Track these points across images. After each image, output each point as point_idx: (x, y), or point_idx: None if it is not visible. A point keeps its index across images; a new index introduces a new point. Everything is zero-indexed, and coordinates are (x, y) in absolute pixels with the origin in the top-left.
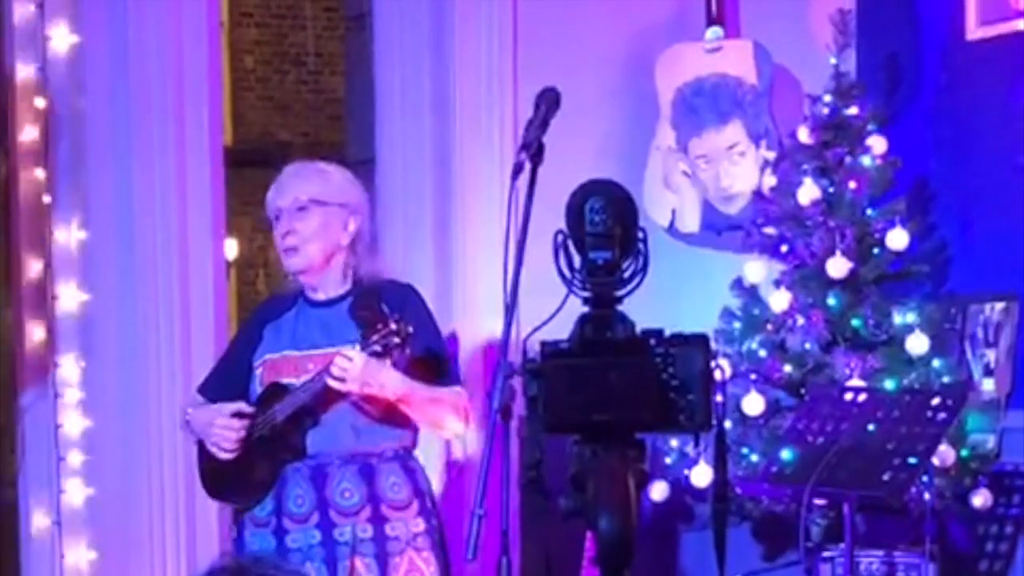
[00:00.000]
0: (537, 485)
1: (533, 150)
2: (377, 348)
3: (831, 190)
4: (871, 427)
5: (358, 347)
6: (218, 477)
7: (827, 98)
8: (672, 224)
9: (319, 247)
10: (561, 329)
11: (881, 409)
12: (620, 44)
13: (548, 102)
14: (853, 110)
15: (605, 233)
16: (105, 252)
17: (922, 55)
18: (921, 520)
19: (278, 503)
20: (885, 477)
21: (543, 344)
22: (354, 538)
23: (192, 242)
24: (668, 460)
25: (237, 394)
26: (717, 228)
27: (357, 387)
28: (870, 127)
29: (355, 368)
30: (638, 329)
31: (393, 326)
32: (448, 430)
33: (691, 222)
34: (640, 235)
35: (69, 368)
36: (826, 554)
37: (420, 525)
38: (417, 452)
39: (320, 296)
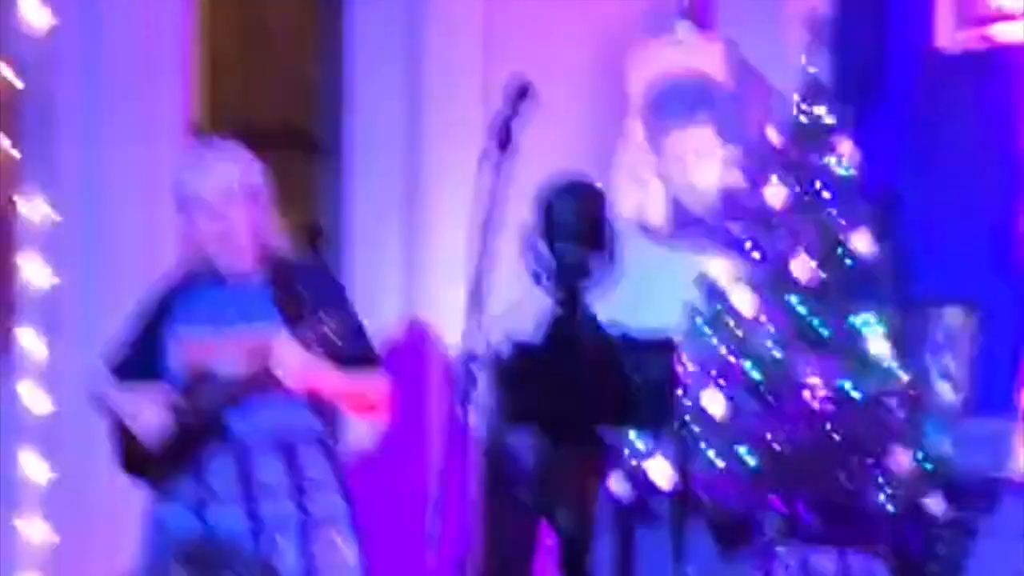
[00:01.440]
0: (498, 477)
1: (503, 139)
2: (318, 350)
3: (797, 190)
4: (829, 428)
5: (285, 335)
6: (137, 458)
7: (796, 99)
8: (639, 219)
9: (247, 232)
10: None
11: (839, 411)
12: (592, 38)
13: (519, 93)
14: (822, 111)
15: (574, 229)
16: (72, 230)
17: (892, 60)
18: (876, 523)
19: (199, 482)
20: (841, 478)
21: (509, 338)
22: (278, 517)
23: (159, 223)
24: (625, 453)
25: (147, 369)
26: (683, 225)
27: (296, 383)
28: (838, 130)
29: (297, 365)
30: (604, 327)
31: (332, 325)
32: (370, 415)
33: (658, 217)
34: (609, 232)
35: (31, 344)
36: (781, 552)
37: (339, 504)
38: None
39: (233, 275)
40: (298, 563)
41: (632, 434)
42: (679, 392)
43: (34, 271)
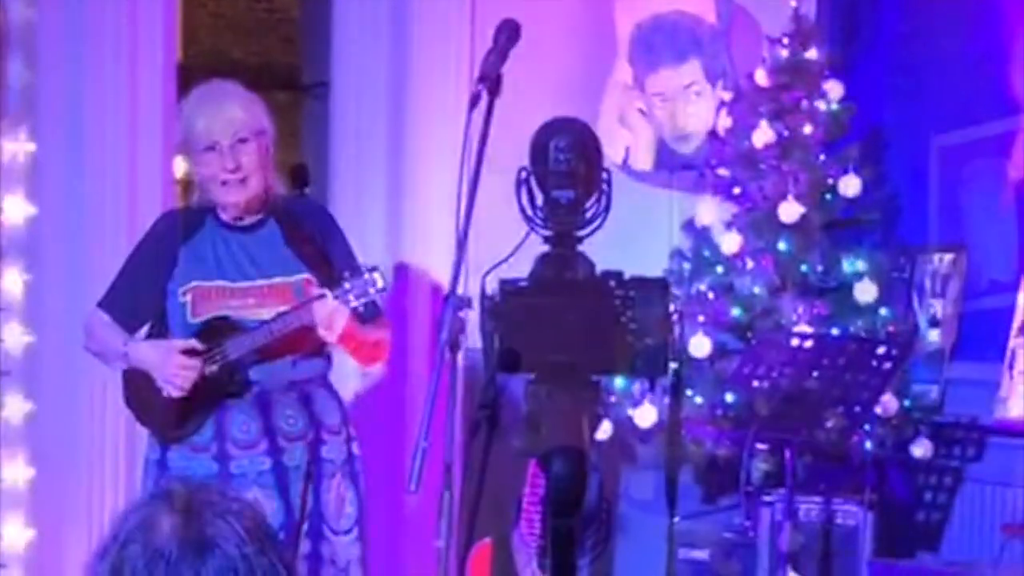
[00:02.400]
0: (491, 423)
1: (491, 81)
2: (351, 298)
3: (786, 133)
4: (816, 374)
5: (330, 296)
6: (153, 409)
7: (786, 41)
8: (625, 161)
9: (261, 176)
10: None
11: (826, 356)
12: None
13: (507, 33)
14: (811, 54)
15: (569, 172)
16: (54, 166)
17: (882, 1)
18: (861, 468)
19: (219, 429)
20: (828, 424)
21: (502, 282)
22: (299, 464)
23: (142, 159)
24: (612, 399)
25: (147, 316)
26: (670, 167)
27: (336, 338)
28: (827, 72)
29: (339, 322)
30: (598, 270)
31: (367, 276)
32: (375, 363)
33: (645, 160)
34: (604, 175)
35: (12, 282)
36: (766, 499)
37: (345, 450)
38: None
39: (239, 221)
40: (312, 510)
41: (619, 380)
42: (674, 335)
43: (17, 209)
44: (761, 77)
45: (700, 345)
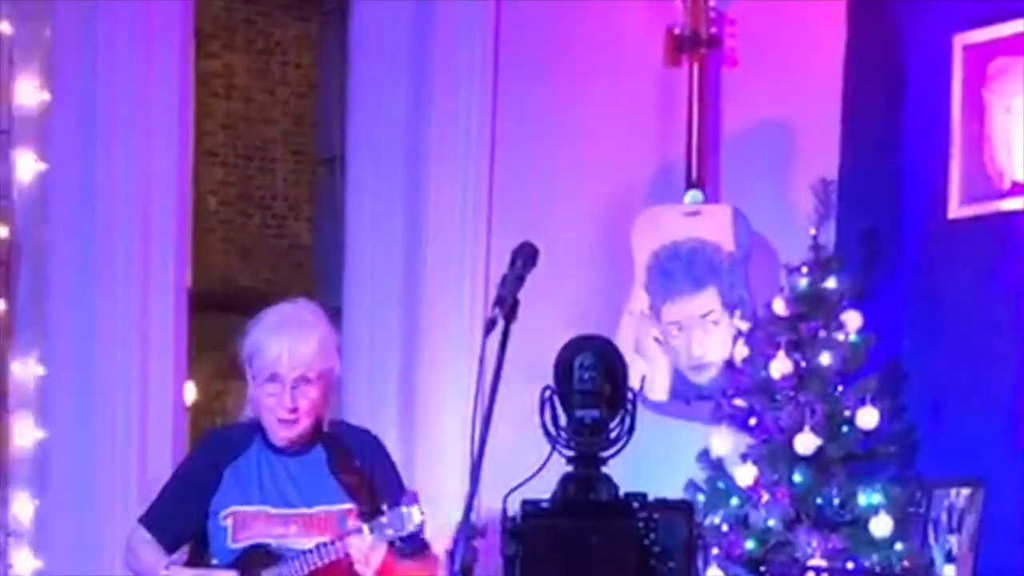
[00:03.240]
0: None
1: (507, 306)
2: (389, 532)
3: (803, 364)
4: None
5: (367, 529)
6: None
7: (804, 270)
8: (641, 391)
9: (314, 415)
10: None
11: None
12: (598, 203)
13: (524, 257)
14: (830, 283)
15: (594, 391)
16: (63, 389)
17: (902, 231)
18: None
19: None
20: None
21: (524, 503)
22: None
23: (152, 384)
24: None
25: (189, 535)
26: (686, 397)
27: (371, 573)
28: (846, 302)
29: (376, 558)
30: (622, 492)
31: (404, 510)
32: None
33: (660, 390)
34: (629, 395)
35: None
36: None
37: None
38: None
39: (287, 445)
40: None
41: None
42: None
43: (26, 433)
44: (779, 306)
45: None
